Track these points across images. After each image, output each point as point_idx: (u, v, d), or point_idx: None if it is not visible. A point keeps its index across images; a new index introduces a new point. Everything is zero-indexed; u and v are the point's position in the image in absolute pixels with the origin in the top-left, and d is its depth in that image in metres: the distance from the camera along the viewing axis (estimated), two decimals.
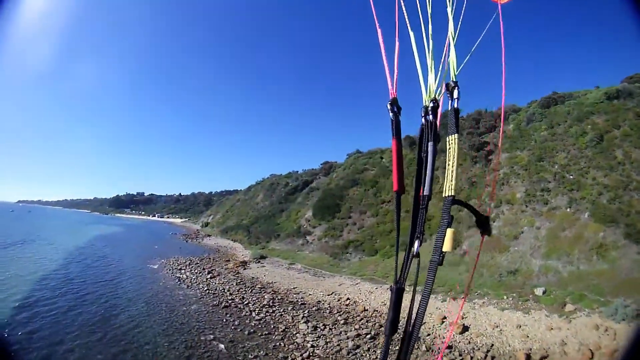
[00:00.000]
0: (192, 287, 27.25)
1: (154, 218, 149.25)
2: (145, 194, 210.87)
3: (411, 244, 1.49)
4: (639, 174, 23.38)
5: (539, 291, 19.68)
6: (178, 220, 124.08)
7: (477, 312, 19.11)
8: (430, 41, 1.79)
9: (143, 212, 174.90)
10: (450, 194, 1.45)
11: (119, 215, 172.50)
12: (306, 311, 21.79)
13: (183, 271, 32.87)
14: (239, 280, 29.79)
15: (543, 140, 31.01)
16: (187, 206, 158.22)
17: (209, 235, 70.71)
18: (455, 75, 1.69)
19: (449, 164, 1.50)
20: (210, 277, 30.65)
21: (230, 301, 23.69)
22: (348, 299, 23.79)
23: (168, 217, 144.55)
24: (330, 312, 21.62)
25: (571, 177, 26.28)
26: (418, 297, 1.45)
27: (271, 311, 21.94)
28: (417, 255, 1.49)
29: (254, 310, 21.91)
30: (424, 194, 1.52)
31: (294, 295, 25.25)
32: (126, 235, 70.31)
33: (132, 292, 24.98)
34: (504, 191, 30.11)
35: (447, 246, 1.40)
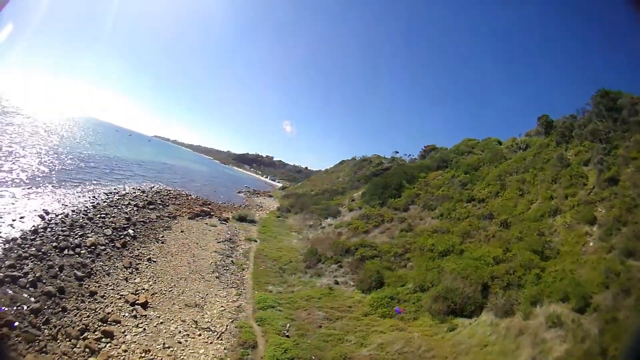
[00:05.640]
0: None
1: (263, 178, 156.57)
2: (274, 159, 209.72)
3: None
4: None
5: None
6: (279, 184, 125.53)
7: None
8: None
9: (260, 172, 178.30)
10: None
11: (235, 168, 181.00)
12: None
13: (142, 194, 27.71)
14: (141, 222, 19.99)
15: None
16: (302, 177, 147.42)
17: (270, 196, 69.91)
18: None
19: None
20: (137, 209, 22.89)
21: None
22: None
23: (274, 181, 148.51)
24: None
25: None
26: None
27: None
28: None
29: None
30: None
31: (127, 310, 11.10)
32: (199, 174, 74.96)
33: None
34: None
35: None
